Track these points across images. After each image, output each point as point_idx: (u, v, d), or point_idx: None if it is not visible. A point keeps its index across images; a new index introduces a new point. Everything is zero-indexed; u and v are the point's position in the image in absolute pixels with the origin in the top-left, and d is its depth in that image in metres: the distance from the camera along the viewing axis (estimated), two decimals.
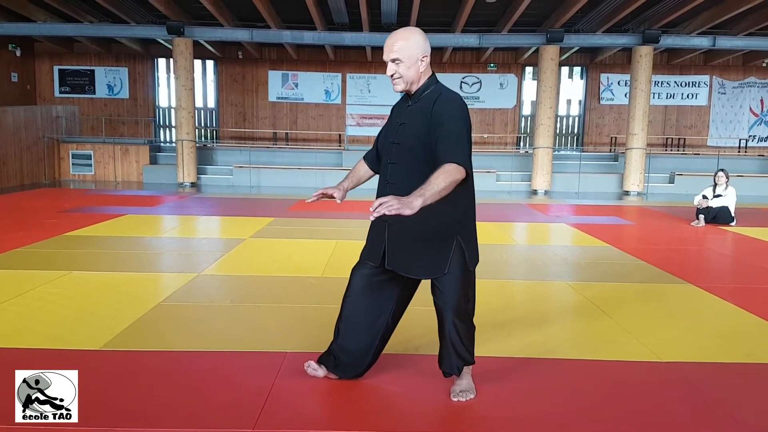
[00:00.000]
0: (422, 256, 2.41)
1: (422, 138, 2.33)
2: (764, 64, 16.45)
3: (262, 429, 2.26)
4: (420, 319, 3.27)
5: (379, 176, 2.58)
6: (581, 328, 3.64)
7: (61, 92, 16.75)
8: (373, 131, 14.92)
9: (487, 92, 17.00)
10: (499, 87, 17.02)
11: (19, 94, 15.89)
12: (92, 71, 16.79)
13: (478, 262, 2.50)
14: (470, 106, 16.16)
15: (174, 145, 14.95)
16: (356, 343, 2.60)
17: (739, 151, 17.06)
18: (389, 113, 2.60)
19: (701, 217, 8.23)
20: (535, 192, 13.97)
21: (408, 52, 2.33)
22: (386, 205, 2.00)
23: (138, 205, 9.40)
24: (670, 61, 16.66)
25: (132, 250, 5.73)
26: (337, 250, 5.82)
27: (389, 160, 2.47)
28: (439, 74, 2.55)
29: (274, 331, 3.41)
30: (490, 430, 2.34)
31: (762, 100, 17.04)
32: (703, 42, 13.61)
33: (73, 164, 14.95)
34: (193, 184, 14.03)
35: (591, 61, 16.86)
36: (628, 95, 14.41)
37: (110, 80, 16.84)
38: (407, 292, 2.63)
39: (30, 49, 16.29)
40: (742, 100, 17.02)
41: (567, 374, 2.86)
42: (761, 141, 17.18)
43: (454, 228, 2.40)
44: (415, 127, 2.37)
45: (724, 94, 17.01)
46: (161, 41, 14.91)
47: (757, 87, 16.96)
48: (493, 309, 3.87)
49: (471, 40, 13.65)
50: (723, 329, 3.65)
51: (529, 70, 17.12)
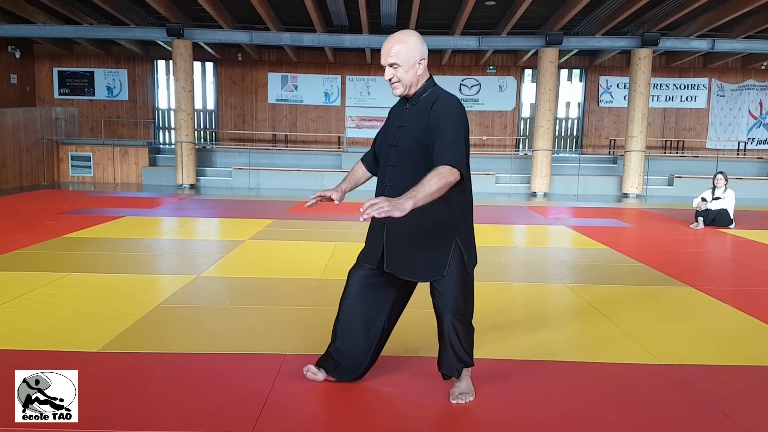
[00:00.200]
0: (421, 258, 2.41)
1: (420, 141, 2.33)
2: (763, 67, 16.48)
3: (261, 431, 2.25)
4: (419, 322, 3.27)
5: (377, 178, 2.58)
6: (580, 331, 3.65)
7: (60, 94, 16.75)
8: (373, 133, 14.88)
9: (486, 94, 17.03)
10: (499, 89, 17.05)
11: (19, 96, 15.90)
12: (92, 73, 16.80)
13: (476, 263, 2.50)
14: (469, 109, 16.21)
15: (173, 146, 14.95)
16: (354, 346, 2.59)
17: (738, 154, 17.08)
18: (387, 115, 2.61)
19: (700, 219, 8.23)
20: (534, 194, 13.98)
21: (405, 56, 2.33)
22: (376, 207, 1.99)
23: (137, 207, 9.40)
24: (669, 64, 16.69)
25: (131, 251, 5.73)
26: (336, 252, 5.82)
27: (387, 163, 2.47)
28: (438, 76, 2.56)
29: (273, 333, 3.41)
30: None
31: (761, 103, 17.06)
32: (702, 45, 13.63)
33: (72, 166, 14.94)
34: (193, 186, 14.03)
35: (590, 64, 16.89)
36: (627, 98, 14.43)
37: (110, 82, 16.85)
38: (404, 294, 2.63)
39: (29, 51, 16.30)
40: (741, 103, 17.04)
41: (566, 376, 2.86)
42: (760, 144, 17.20)
43: (453, 230, 2.40)
44: (413, 130, 2.37)
45: (723, 96, 17.04)
46: (161, 43, 14.93)
47: (756, 90, 16.99)
48: (493, 311, 3.87)
49: (470, 43, 13.67)
50: (722, 332, 3.64)
51: (529, 72, 17.15)
